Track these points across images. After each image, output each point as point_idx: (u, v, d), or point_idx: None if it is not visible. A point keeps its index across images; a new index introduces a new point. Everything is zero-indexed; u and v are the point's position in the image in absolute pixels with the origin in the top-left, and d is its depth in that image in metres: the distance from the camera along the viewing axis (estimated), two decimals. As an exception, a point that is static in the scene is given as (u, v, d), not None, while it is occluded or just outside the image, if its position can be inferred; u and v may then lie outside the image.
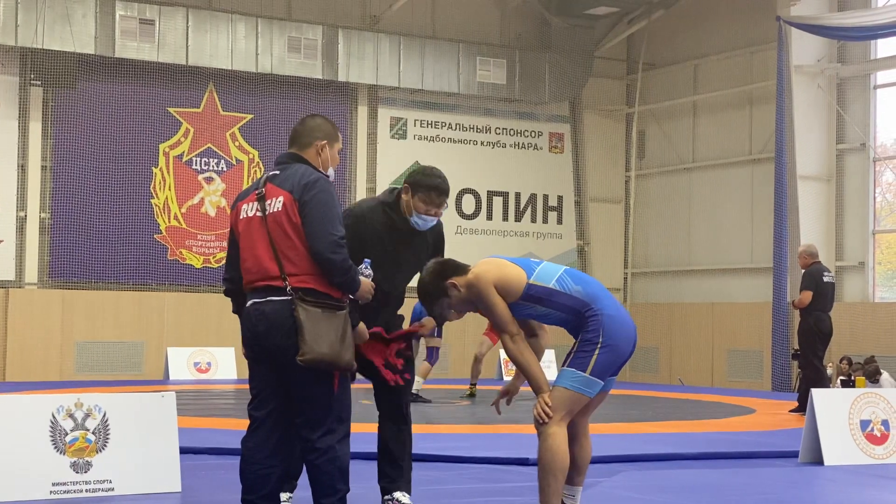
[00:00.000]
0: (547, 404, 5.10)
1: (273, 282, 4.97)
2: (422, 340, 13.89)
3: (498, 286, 5.16)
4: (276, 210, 5.00)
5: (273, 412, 5.09)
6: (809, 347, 13.08)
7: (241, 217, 5.14)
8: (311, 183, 4.99)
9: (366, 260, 5.28)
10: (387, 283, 5.73)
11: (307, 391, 4.98)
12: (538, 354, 5.36)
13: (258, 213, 5.06)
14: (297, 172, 5.07)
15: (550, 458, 5.10)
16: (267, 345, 4.99)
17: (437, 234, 5.99)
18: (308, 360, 4.86)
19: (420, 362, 13.68)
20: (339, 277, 4.97)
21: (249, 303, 5.07)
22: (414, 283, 5.64)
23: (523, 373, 5.21)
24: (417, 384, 13.85)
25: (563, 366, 5.21)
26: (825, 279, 13.15)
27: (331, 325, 4.93)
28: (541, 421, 5.11)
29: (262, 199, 5.07)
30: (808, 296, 12.98)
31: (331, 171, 5.25)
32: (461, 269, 5.29)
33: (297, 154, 5.20)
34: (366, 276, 5.21)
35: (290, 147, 5.25)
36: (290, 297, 4.92)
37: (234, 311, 5.35)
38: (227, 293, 5.37)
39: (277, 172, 5.14)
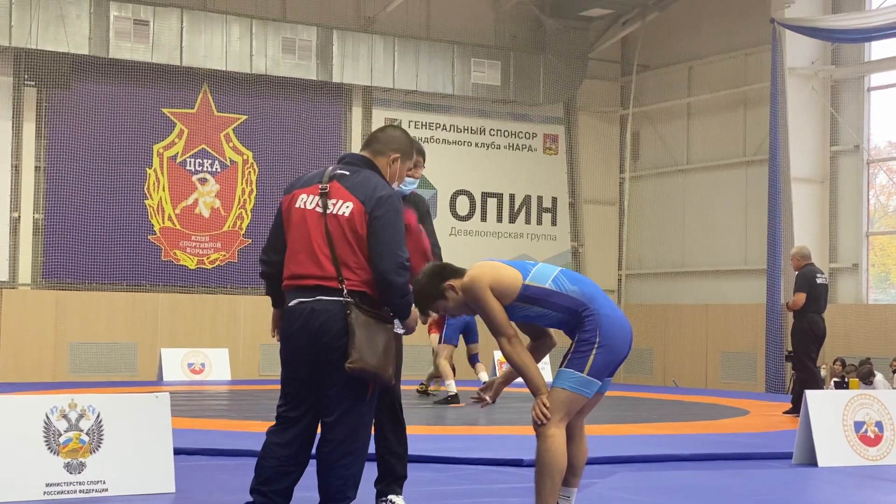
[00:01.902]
0: (545, 405, 5.10)
1: (327, 282, 4.87)
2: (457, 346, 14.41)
3: (494, 288, 5.17)
4: (341, 214, 4.89)
5: (306, 414, 5.00)
6: (803, 349, 13.11)
7: (297, 206, 5.00)
8: (384, 198, 4.90)
9: None
10: None
11: (342, 395, 4.91)
12: (546, 353, 5.40)
13: (318, 209, 4.93)
14: (371, 182, 4.95)
15: (548, 460, 5.11)
16: (314, 342, 4.88)
17: (420, 205, 6.02)
18: (356, 368, 4.79)
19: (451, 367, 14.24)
20: (397, 300, 4.92)
21: (295, 301, 4.94)
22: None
23: (521, 374, 5.21)
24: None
25: (560, 366, 5.21)
26: (818, 281, 13.17)
27: (382, 337, 4.88)
28: (539, 423, 5.11)
29: (325, 195, 4.94)
30: (801, 297, 13.02)
31: (395, 186, 5.17)
32: (458, 271, 5.30)
33: (369, 159, 5.10)
34: None
35: (364, 149, 5.16)
36: (342, 300, 4.84)
37: (267, 293, 5.21)
38: (263, 275, 5.20)
39: (346, 173, 5.00)
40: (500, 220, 23.30)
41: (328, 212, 4.91)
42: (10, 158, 19.29)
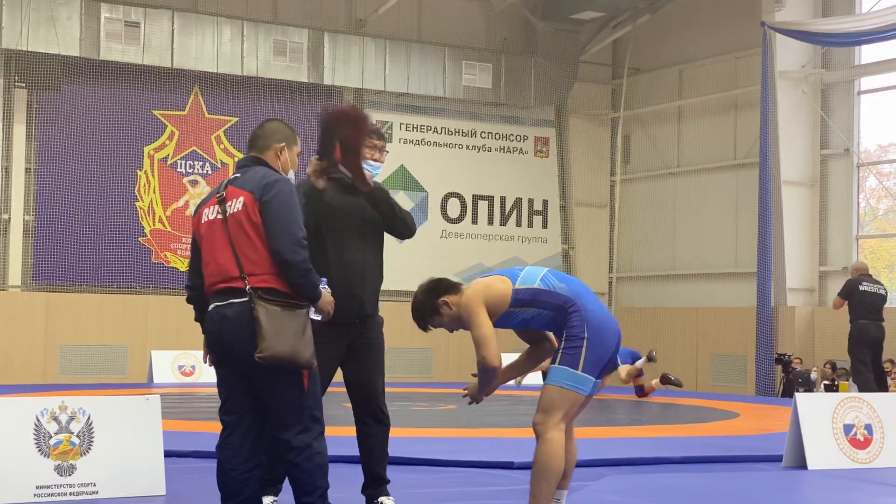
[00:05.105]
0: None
1: (234, 283, 4.94)
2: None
3: (488, 303, 5.22)
4: (236, 210, 4.99)
5: (245, 415, 5.05)
6: (854, 354, 13.77)
7: (203, 221, 5.12)
8: (271, 183, 4.99)
9: (322, 279, 5.17)
10: (356, 250, 5.81)
11: (278, 392, 4.95)
12: (546, 356, 5.45)
13: (219, 216, 5.04)
14: (258, 174, 5.06)
15: (546, 463, 5.13)
16: (232, 349, 4.96)
17: None
18: (266, 357, 4.81)
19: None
20: (298, 279, 4.93)
21: (211, 307, 5.04)
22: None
23: (492, 380, 5.27)
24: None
25: (552, 363, 5.22)
26: (861, 288, 13.78)
27: (290, 323, 4.89)
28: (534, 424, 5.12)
29: (222, 202, 5.05)
30: (837, 301, 14.07)
31: (291, 174, 5.26)
32: (453, 286, 5.34)
33: (258, 157, 5.21)
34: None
35: (250, 151, 5.26)
36: (247, 299, 4.89)
37: (196, 320, 5.28)
38: (189, 300, 5.31)
39: (238, 175, 5.13)
40: (490, 222, 23.30)
41: (227, 214, 5.02)
42: (0, 160, 19.25)
